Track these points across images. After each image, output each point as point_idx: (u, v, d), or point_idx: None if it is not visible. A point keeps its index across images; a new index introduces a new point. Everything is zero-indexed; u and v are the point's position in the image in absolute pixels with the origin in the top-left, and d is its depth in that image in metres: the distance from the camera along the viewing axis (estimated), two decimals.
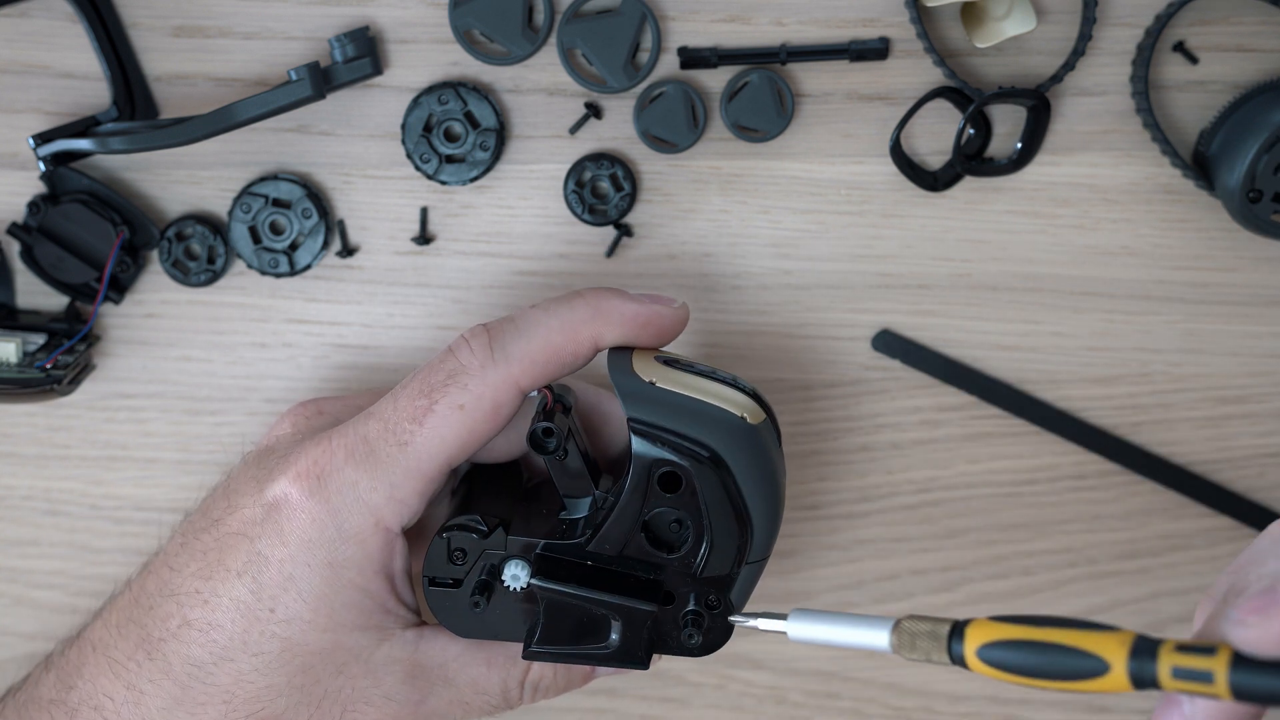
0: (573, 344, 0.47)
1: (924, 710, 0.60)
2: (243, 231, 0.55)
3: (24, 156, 0.55)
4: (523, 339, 0.47)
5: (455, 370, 0.46)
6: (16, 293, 0.56)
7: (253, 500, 0.47)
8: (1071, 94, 0.55)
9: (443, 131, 0.55)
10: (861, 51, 0.54)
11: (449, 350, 0.47)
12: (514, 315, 0.48)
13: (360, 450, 0.46)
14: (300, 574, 0.46)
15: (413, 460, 0.46)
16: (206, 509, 0.48)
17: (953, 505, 0.58)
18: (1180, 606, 0.59)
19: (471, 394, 0.46)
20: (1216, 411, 0.58)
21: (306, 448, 0.47)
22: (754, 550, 0.47)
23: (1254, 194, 0.53)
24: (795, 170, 0.56)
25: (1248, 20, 0.55)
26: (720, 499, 0.46)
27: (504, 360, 0.46)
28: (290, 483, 0.46)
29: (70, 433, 0.57)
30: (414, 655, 0.48)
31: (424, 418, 0.46)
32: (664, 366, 0.47)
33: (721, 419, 0.46)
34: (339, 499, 0.46)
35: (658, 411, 0.46)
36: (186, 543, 0.48)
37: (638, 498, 0.46)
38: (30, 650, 0.59)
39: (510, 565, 0.47)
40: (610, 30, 0.54)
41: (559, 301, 0.48)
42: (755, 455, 0.47)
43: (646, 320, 0.48)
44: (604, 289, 0.48)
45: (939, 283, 0.57)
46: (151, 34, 0.54)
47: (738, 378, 0.49)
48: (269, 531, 0.46)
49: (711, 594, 0.47)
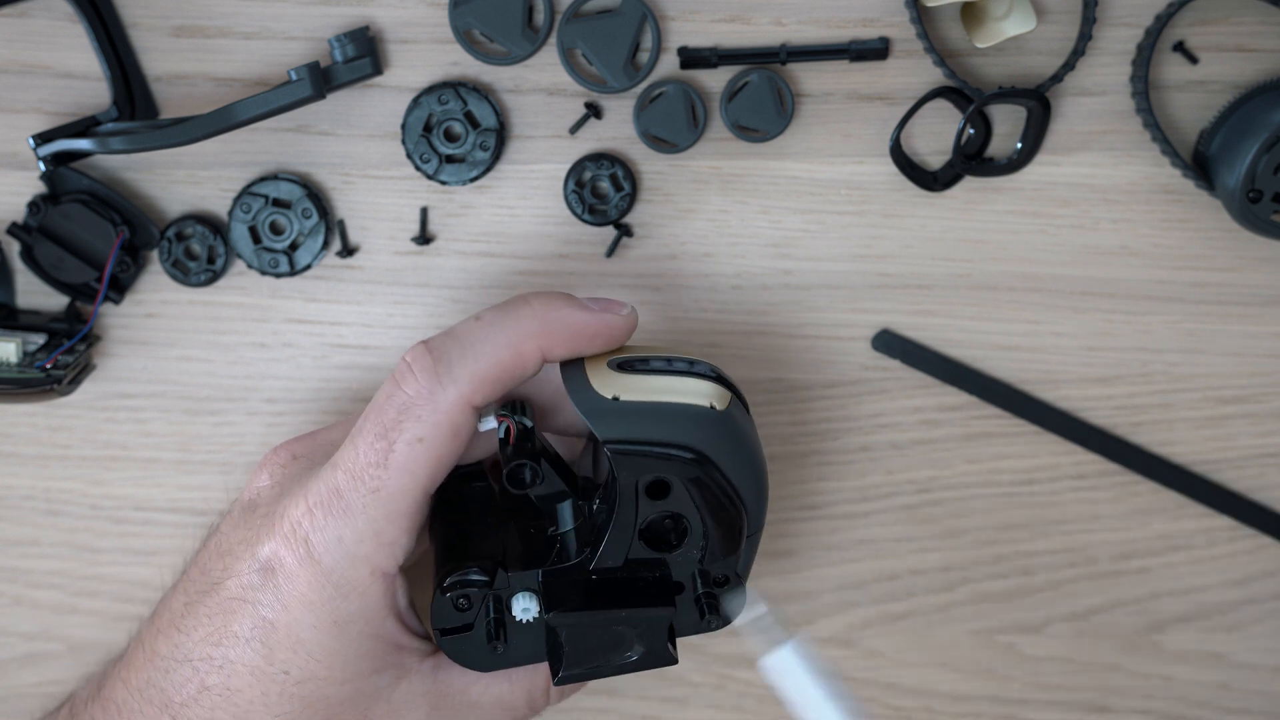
0: (519, 360, 0.46)
1: (924, 710, 0.60)
2: (243, 231, 0.55)
3: (24, 156, 0.55)
4: (469, 358, 0.46)
5: (405, 404, 0.45)
6: (16, 293, 0.56)
7: (247, 565, 0.46)
8: (1071, 94, 0.55)
9: (443, 131, 0.55)
10: (861, 51, 0.54)
11: (394, 381, 0.46)
12: (457, 330, 0.46)
13: (336, 505, 0.45)
14: (308, 636, 0.46)
15: (388, 503, 0.45)
16: (205, 567, 0.48)
17: (953, 505, 0.58)
18: (1180, 606, 0.59)
19: (427, 424, 0.45)
20: (1216, 411, 0.58)
21: (287, 508, 0.46)
22: (751, 525, 0.47)
23: (1254, 194, 0.53)
24: (795, 170, 0.56)
25: (1248, 20, 0.55)
26: (710, 491, 0.46)
27: (451, 384, 0.45)
28: (279, 545, 0.46)
29: (70, 433, 0.57)
30: (435, 686, 0.48)
31: (387, 460, 0.45)
32: (620, 374, 0.47)
33: (693, 415, 0.46)
34: (330, 558, 0.45)
35: (629, 426, 0.45)
36: (191, 604, 0.47)
37: (629, 512, 0.46)
38: (30, 650, 0.59)
39: (518, 600, 0.47)
40: (610, 30, 0.54)
41: (504, 312, 0.47)
42: (733, 440, 0.46)
43: (595, 332, 0.47)
44: (551, 295, 0.47)
45: (939, 283, 0.57)
46: (151, 34, 0.54)
47: (693, 361, 0.48)
48: (269, 598, 0.46)
49: (718, 573, 0.47)
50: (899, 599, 0.59)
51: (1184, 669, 0.60)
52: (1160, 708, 0.60)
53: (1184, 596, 0.59)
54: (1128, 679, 0.60)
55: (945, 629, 0.59)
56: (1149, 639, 0.60)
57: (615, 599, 0.47)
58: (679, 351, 0.49)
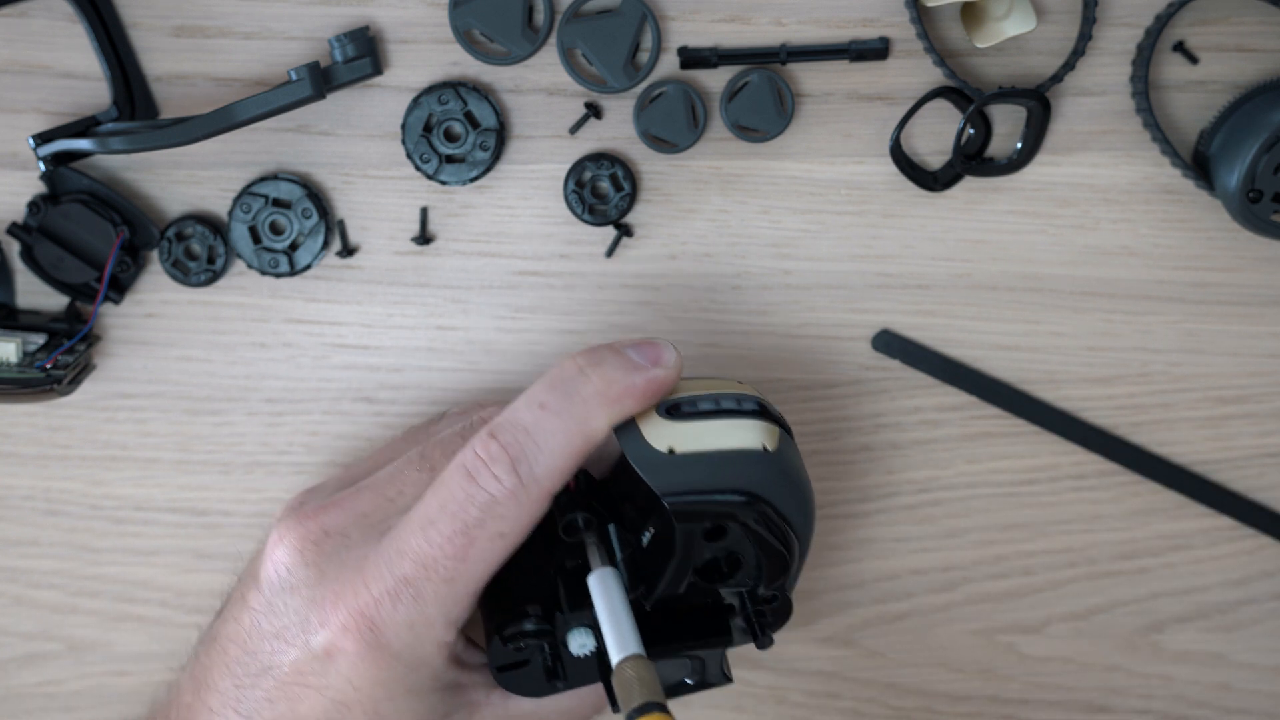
0: (591, 444, 0.46)
1: (924, 710, 0.60)
2: (243, 231, 0.55)
3: (24, 156, 0.55)
4: (544, 455, 0.45)
5: (488, 504, 0.45)
6: (16, 293, 0.56)
7: (300, 651, 0.46)
8: (1071, 94, 0.55)
9: (443, 131, 0.55)
10: (861, 51, 0.54)
11: (468, 476, 0.45)
12: (522, 420, 0.46)
13: (406, 594, 0.45)
14: (385, 709, 0.46)
15: (461, 589, 0.45)
16: (249, 648, 0.47)
17: (953, 505, 0.58)
18: (1180, 606, 0.59)
19: (509, 522, 0.45)
20: (1216, 411, 0.58)
21: (343, 595, 0.45)
22: (800, 548, 0.47)
23: (1254, 194, 0.53)
24: (795, 170, 0.56)
25: (1248, 20, 0.55)
26: (765, 529, 0.46)
27: (533, 483, 0.45)
28: (339, 635, 0.45)
29: (70, 433, 0.57)
30: (506, 712, 0.49)
31: (466, 553, 0.45)
32: (670, 421, 0.46)
33: (747, 460, 0.46)
34: (400, 643, 0.45)
35: (686, 478, 0.45)
36: (243, 686, 0.47)
37: (686, 556, 0.46)
38: (30, 650, 0.59)
39: (574, 636, 0.47)
40: (610, 30, 0.54)
41: (566, 396, 0.46)
42: (786, 477, 0.46)
43: (650, 392, 0.46)
44: (602, 360, 0.46)
45: (939, 283, 0.57)
46: (151, 34, 0.54)
47: (741, 397, 0.48)
48: (337, 682, 0.45)
49: (766, 592, 0.47)
50: (899, 599, 0.59)
51: (1184, 669, 0.60)
52: (1160, 708, 0.60)
53: (1184, 596, 0.59)
54: (1128, 679, 0.60)
55: (945, 629, 0.59)
56: (1149, 639, 0.60)
57: (670, 629, 0.47)
58: (722, 386, 0.48)
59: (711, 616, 0.48)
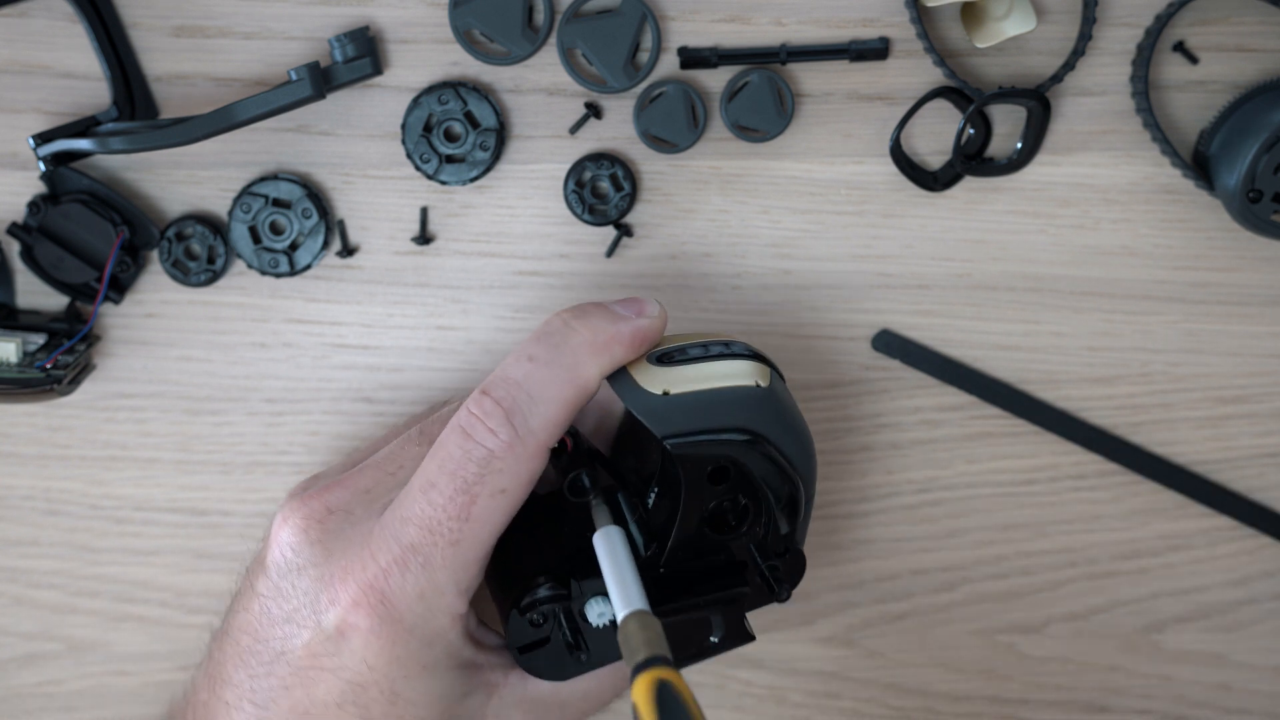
0: (583, 393, 0.46)
1: (924, 710, 0.60)
2: (243, 231, 0.55)
3: (24, 156, 0.55)
4: (539, 406, 0.45)
5: (486, 459, 0.45)
6: (16, 293, 0.56)
7: (312, 632, 0.46)
8: (1071, 94, 0.55)
9: (443, 131, 0.55)
10: (861, 51, 0.54)
11: (464, 434, 0.45)
12: (513, 375, 0.46)
13: (413, 561, 0.45)
14: (401, 687, 0.45)
15: (468, 551, 0.45)
16: (260, 636, 0.47)
17: (953, 505, 0.58)
18: (1180, 606, 0.59)
19: (509, 476, 0.45)
20: (1216, 411, 0.58)
21: (351, 570, 0.45)
22: (806, 492, 0.48)
23: (1254, 194, 0.53)
24: (795, 170, 0.56)
25: (1248, 20, 0.55)
26: (768, 468, 0.46)
27: (529, 435, 0.45)
28: (350, 611, 0.45)
29: (70, 433, 0.57)
30: (525, 694, 0.48)
31: (469, 512, 0.45)
32: (663, 368, 0.47)
33: (742, 396, 0.46)
34: (412, 615, 0.45)
35: (684, 418, 0.45)
36: (257, 676, 0.46)
37: (694, 503, 0.46)
38: (30, 650, 0.59)
39: (591, 606, 0.47)
40: (610, 30, 0.54)
41: (555, 348, 0.46)
42: (781, 413, 0.47)
43: (637, 340, 0.47)
44: (587, 313, 0.47)
45: (939, 283, 0.57)
46: (151, 34, 0.54)
47: (728, 342, 0.48)
48: (351, 662, 0.45)
49: (776, 546, 0.48)
50: (899, 599, 0.59)
51: (1184, 669, 0.60)
52: (1160, 708, 0.60)
53: (1184, 596, 0.59)
54: (1128, 679, 0.60)
55: (945, 629, 0.59)
56: (1149, 639, 0.60)
57: (687, 588, 0.47)
58: (710, 336, 0.49)
59: (727, 575, 0.48)
